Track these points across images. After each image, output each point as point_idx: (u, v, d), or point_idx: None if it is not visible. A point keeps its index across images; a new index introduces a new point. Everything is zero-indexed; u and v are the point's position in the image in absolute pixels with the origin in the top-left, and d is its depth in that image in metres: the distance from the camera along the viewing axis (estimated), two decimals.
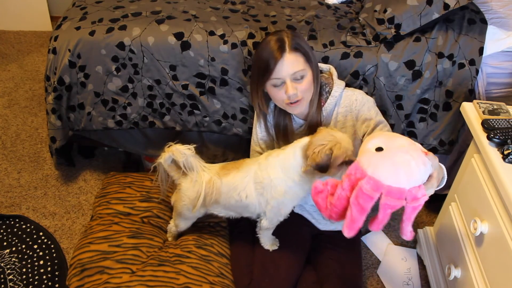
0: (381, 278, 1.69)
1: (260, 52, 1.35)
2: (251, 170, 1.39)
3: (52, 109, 1.79)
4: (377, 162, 1.04)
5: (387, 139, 1.10)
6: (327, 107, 1.44)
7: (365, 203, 1.03)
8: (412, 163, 1.02)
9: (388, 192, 1.02)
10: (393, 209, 1.03)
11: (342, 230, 1.07)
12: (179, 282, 1.43)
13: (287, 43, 1.32)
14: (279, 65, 1.31)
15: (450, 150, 1.73)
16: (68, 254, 1.71)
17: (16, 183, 2.01)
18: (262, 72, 1.35)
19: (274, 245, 1.53)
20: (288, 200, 1.37)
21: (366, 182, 1.03)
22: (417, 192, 1.03)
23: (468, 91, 1.62)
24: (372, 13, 1.72)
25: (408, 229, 1.07)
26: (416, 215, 1.06)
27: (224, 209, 1.47)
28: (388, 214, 1.04)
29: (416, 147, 1.07)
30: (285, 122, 1.49)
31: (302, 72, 1.33)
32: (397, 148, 1.06)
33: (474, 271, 1.29)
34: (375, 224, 1.07)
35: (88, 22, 1.70)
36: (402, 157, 1.03)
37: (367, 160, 1.06)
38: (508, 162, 1.19)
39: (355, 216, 1.05)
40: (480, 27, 1.62)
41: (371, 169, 1.04)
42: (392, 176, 1.02)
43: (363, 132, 1.43)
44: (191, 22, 1.69)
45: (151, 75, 1.70)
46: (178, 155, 1.37)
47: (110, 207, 1.70)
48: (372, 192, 1.02)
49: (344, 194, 1.08)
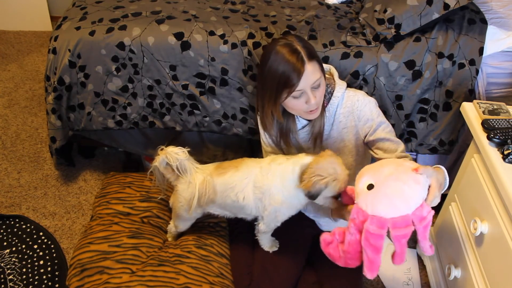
0: (381, 278, 1.68)
1: (274, 65, 1.28)
2: (252, 172, 1.37)
3: (52, 109, 1.79)
4: (373, 200, 1.06)
5: (374, 173, 1.11)
6: (330, 107, 1.44)
7: (377, 242, 1.05)
8: (404, 188, 1.04)
9: (394, 224, 1.03)
10: (406, 238, 1.05)
11: (365, 274, 1.08)
12: (179, 282, 1.43)
13: (303, 53, 1.26)
14: (303, 78, 1.26)
15: (450, 150, 1.73)
16: (68, 254, 1.71)
17: (16, 183, 2.01)
18: (282, 86, 1.28)
19: (274, 247, 1.53)
20: (285, 209, 1.36)
21: (370, 222, 1.05)
22: (422, 211, 1.04)
23: (468, 91, 1.62)
24: (372, 13, 1.72)
25: (427, 246, 1.09)
26: (429, 231, 1.07)
27: (219, 208, 1.47)
28: (403, 244, 1.05)
29: (404, 168, 1.08)
30: (289, 125, 1.48)
31: (320, 80, 1.30)
32: (385, 178, 1.07)
33: (474, 271, 1.29)
34: (397, 258, 1.08)
35: (88, 22, 1.70)
36: (393, 186, 1.05)
37: (363, 201, 1.08)
38: (508, 162, 1.19)
39: (372, 257, 1.06)
40: (480, 27, 1.62)
41: (370, 208, 1.06)
42: (391, 209, 1.04)
43: (365, 133, 1.43)
44: (191, 22, 1.69)
45: (151, 75, 1.70)
46: (171, 158, 1.37)
47: (110, 207, 1.70)
48: (379, 230, 1.04)
49: (354, 239, 1.10)
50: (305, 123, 1.48)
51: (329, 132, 1.47)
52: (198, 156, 1.90)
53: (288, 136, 1.49)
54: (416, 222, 1.04)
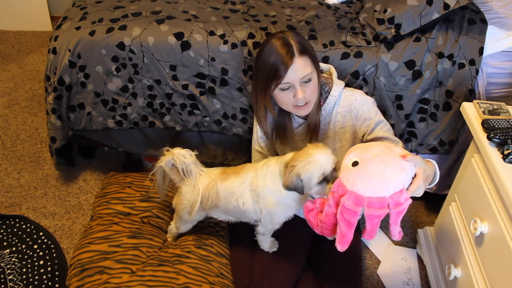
0: (381, 278, 1.69)
1: (267, 57, 1.31)
2: (249, 176, 1.38)
3: (52, 109, 1.79)
4: (354, 176, 1.07)
5: (361, 151, 1.12)
6: (326, 106, 1.44)
7: (351, 218, 1.07)
8: (387, 171, 1.04)
9: (369, 203, 1.05)
10: (379, 218, 1.06)
11: (336, 245, 1.11)
12: (179, 282, 1.43)
13: (294, 47, 1.28)
14: (290, 70, 1.28)
15: (450, 150, 1.73)
16: (68, 254, 1.71)
17: (16, 183, 2.01)
18: (270, 77, 1.31)
19: (273, 248, 1.53)
20: (280, 211, 1.36)
21: (347, 197, 1.06)
22: (399, 197, 1.05)
23: (468, 91, 1.62)
24: (372, 13, 1.72)
25: (396, 231, 1.10)
26: (401, 218, 1.08)
27: (223, 213, 1.47)
28: (375, 223, 1.07)
29: (392, 152, 1.09)
30: (284, 122, 1.49)
31: (310, 75, 1.31)
32: (371, 158, 1.08)
33: (474, 271, 1.29)
34: (366, 234, 1.10)
35: (88, 22, 1.70)
36: (376, 167, 1.05)
37: (345, 176, 1.09)
38: (508, 162, 1.19)
39: (344, 231, 1.09)
40: (480, 27, 1.62)
41: (350, 184, 1.07)
42: (369, 188, 1.05)
43: (363, 132, 1.43)
44: (191, 22, 1.69)
45: (151, 75, 1.70)
46: (178, 161, 1.36)
47: (110, 207, 1.70)
48: (354, 206, 1.05)
49: (331, 211, 1.12)
50: (301, 122, 1.48)
51: (326, 131, 1.47)
52: (198, 156, 1.90)
53: (284, 135, 1.50)
54: (391, 206, 1.05)
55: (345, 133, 1.46)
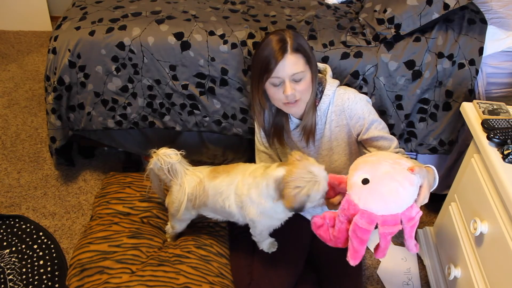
0: (381, 278, 1.69)
1: (262, 51, 1.34)
2: (236, 179, 1.35)
3: (52, 109, 1.79)
4: (366, 196, 1.07)
5: (371, 168, 1.11)
6: (322, 106, 1.44)
7: (363, 236, 1.07)
8: (399, 189, 1.05)
9: (383, 222, 1.06)
10: (392, 235, 1.07)
11: (347, 260, 1.12)
12: (179, 282, 1.43)
13: (289, 44, 1.31)
14: (280, 65, 1.30)
15: (450, 150, 1.73)
16: (68, 254, 1.71)
17: (16, 183, 2.01)
18: (263, 71, 1.34)
19: (272, 248, 1.52)
20: (262, 221, 1.34)
21: (360, 216, 1.07)
22: (411, 212, 1.06)
23: (468, 91, 1.62)
24: (372, 13, 1.72)
25: (412, 245, 1.11)
26: (415, 230, 1.09)
27: (212, 212, 1.47)
28: (388, 240, 1.08)
29: (401, 168, 1.09)
30: (281, 122, 1.49)
31: (302, 74, 1.32)
32: (382, 176, 1.08)
33: (474, 271, 1.29)
34: (380, 252, 1.12)
35: (88, 22, 1.70)
36: (389, 185, 1.06)
37: (356, 195, 1.09)
38: (508, 162, 1.19)
39: (357, 248, 1.10)
40: (480, 27, 1.62)
41: (362, 203, 1.07)
42: (383, 207, 1.05)
43: (357, 131, 1.43)
44: (191, 22, 1.69)
45: (151, 75, 1.70)
46: (162, 161, 1.37)
47: (109, 207, 1.70)
48: (368, 225, 1.06)
49: (343, 227, 1.13)
50: (298, 122, 1.48)
51: (323, 130, 1.47)
52: (198, 156, 1.91)
53: (281, 135, 1.50)
54: (404, 222, 1.06)
55: (340, 132, 1.46)
